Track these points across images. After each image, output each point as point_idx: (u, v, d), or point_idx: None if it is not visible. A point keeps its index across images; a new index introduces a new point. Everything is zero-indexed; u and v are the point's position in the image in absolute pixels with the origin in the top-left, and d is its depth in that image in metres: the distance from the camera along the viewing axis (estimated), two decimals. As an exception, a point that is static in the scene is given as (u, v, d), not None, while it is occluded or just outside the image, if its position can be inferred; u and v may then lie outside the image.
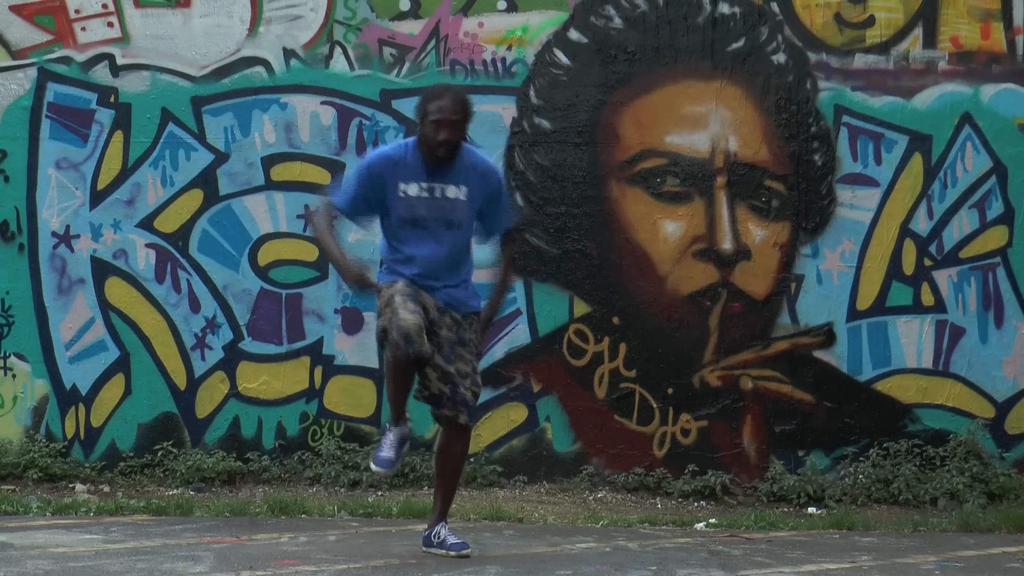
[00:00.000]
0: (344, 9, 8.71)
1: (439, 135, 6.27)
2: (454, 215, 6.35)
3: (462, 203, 6.36)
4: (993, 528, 7.81)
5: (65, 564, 6.20)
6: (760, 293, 8.67)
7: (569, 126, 8.68)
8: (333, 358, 8.69)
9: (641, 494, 8.55)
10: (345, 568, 6.20)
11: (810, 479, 8.50)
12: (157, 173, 8.72)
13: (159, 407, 8.71)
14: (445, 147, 6.29)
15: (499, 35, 8.71)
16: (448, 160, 6.34)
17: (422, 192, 6.35)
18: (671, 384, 8.66)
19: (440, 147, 6.29)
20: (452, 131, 6.29)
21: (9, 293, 8.71)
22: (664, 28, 8.67)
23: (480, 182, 6.40)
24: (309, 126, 8.72)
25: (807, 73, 8.67)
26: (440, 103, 6.30)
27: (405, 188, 6.35)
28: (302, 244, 8.70)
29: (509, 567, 6.28)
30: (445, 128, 6.27)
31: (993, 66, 8.67)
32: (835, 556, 6.81)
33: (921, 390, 8.66)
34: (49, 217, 8.70)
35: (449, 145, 6.30)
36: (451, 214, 6.35)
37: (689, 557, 6.69)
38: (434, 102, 6.32)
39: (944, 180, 8.69)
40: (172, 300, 8.72)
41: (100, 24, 8.72)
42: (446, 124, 6.27)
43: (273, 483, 8.57)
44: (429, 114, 6.30)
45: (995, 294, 8.68)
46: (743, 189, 8.66)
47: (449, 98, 6.33)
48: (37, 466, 8.52)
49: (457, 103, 6.33)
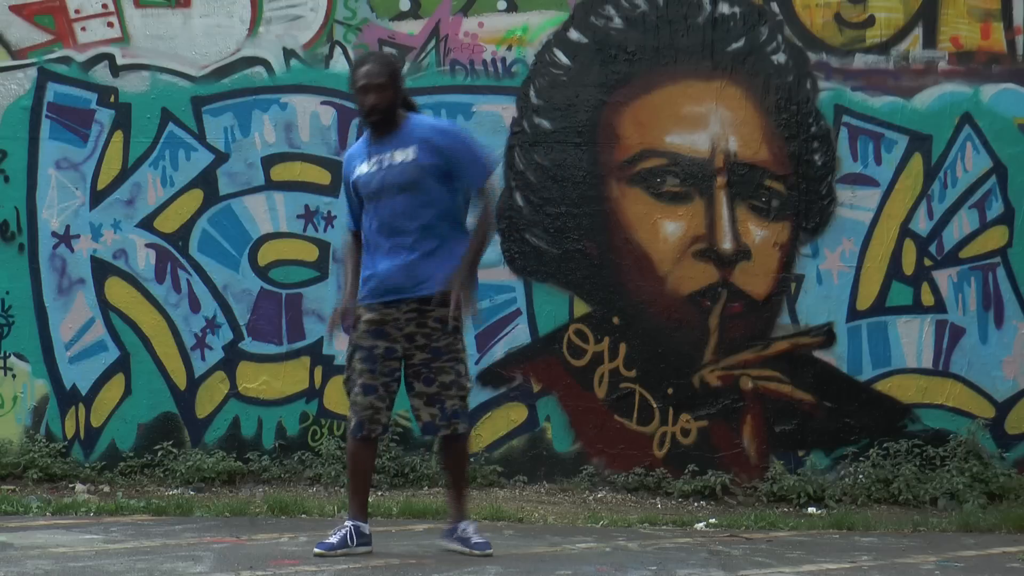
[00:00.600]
0: (344, 9, 8.72)
1: (367, 100, 6.25)
2: (403, 177, 6.26)
3: (411, 164, 6.26)
4: (993, 528, 7.80)
5: (65, 564, 6.20)
6: (760, 293, 8.67)
7: (569, 126, 8.68)
8: (333, 358, 8.69)
9: (641, 494, 8.55)
10: (345, 568, 6.19)
11: (810, 479, 8.50)
12: (157, 173, 8.72)
13: (159, 407, 8.71)
14: (375, 112, 6.26)
15: (499, 35, 8.71)
16: (387, 125, 6.30)
17: (371, 167, 6.32)
18: (671, 384, 8.66)
19: (371, 113, 6.27)
20: (379, 94, 6.24)
21: (9, 293, 8.71)
22: (664, 28, 8.68)
23: (430, 142, 6.28)
24: (309, 126, 8.72)
25: (807, 73, 8.67)
26: (364, 68, 6.29)
27: (359, 169, 6.36)
28: (302, 244, 8.70)
29: (509, 567, 6.27)
30: (372, 92, 6.24)
31: (993, 66, 8.67)
32: (835, 556, 6.81)
33: (921, 390, 8.66)
34: (49, 217, 8.71)
35: (378, 110, 6.25)
36: (401, 177, 6.27)
37: (689, 557, 6.69)
38: (359, 69, 6.31)
39: (944, 180, 8.69)
40: (172, 300, 8.73)
41: (100, 24, 8.72)
42: (372, 88, 6.24)
43: (273, 483, 8.57)
44: (356, 82, 6.29)
45: (995, 294, 8.69)
46: (743, 189, 8.66)
47: (372, 62, 6.32)
48: (37, 466, 8.52)
49: (380, 66, 6.30)
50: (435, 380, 6.36)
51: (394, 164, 6.30)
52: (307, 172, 8.72)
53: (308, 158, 8.72)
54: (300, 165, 8.73)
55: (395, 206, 6.29)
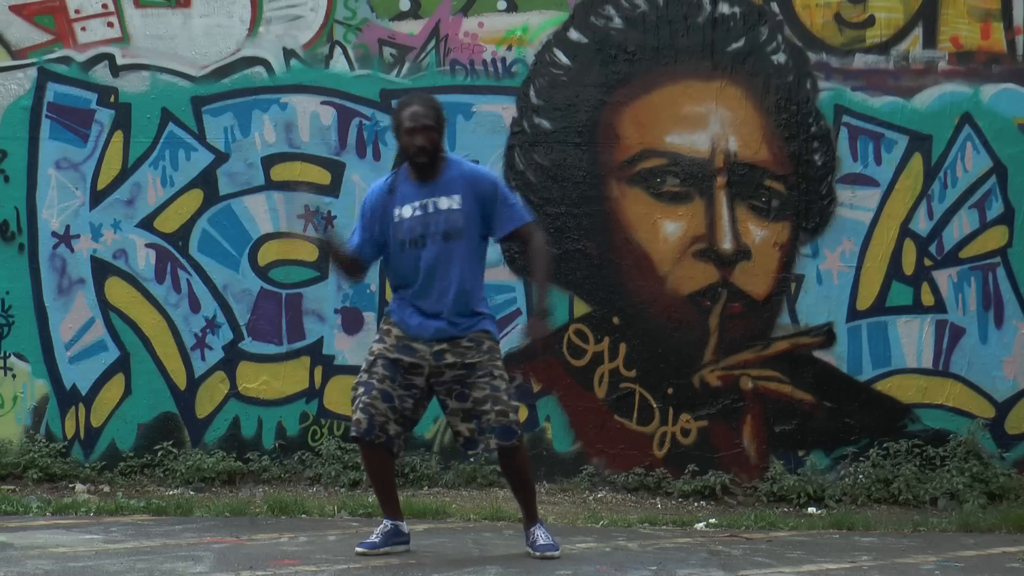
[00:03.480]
0: (344, 9, 8.72)
1: (415, 142, 6.27)
2: (450, 225, 6.31)
3: (457, 212, 6.31)
4: (993, 528, 7.80)
5: (65, 564, 6.20)
6: (760, 293, 8.67)
7: (569, 126, 8.68)
8: (333, 358, 8.69)
9: (641, 494, 8.55)
10: (345, 568, 6.20)
11: (810, 479, 8.50)
12: (157, 173, 8.72)
13: (159, 407, 8.71)
14: (423, 153, 6.28)
15: (499, 35, 8.71)
16: (432, 169, 6.32)
17: (415, 211, 6.32)
18: (671, 384, 8.66)
19: (418, 154, 6.28)
20: (426, 136, 6.27)
21: (9, 293, 8.71)
22: (664, 28, 8.68)
23: (472, 188, 6.34)
24: (309, 126, 8.72)
25: (807, 73, 8.67)
26: (411, 110, 6.30)
27: (400, 212, 6.33)
28: (302, 244, 8.69)
29: (509, 567, 6.28)
30: (419, 134, 6.26)
31: (993, 66, 8.67)
32: (835, 556, 6.81)
33: (921, 390, 8.66)
34: (49, 217, 8.71)
35: (426, 151, 6.28)
36: (447, 224, 6.31)
37: (689, 557, 6.69)
38: (405, 111, 6.32)
39: (944, 180, 8.69)
40: (172, 300, 8.73)
41: (100, 24, 8.72)
42: (419, 130, 6.26)
43: (273, 483, 8.57)
44: (402, 124, 6.30)
45: (995, 294, 8.68)
46: (743, 189, 8.66)
47: (418, 104, 6.33)
48: (37, 466, 8.51)
49: (427, 108, 6.32)
50: (469, 396, 6.34)
51: (440, 211, 6.32)
52: (307, 172, 8.72)
53: (308, 158, 8.72)
54: (300, 165, 8.73)
55: (438, 253, 6.31)
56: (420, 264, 6.32)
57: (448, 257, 6.31)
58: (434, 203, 6.33)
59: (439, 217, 6.31)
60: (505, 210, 6.42)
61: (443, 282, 6.31)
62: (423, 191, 6.34)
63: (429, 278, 6.32)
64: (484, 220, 6.38)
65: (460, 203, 6.32)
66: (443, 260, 6.31)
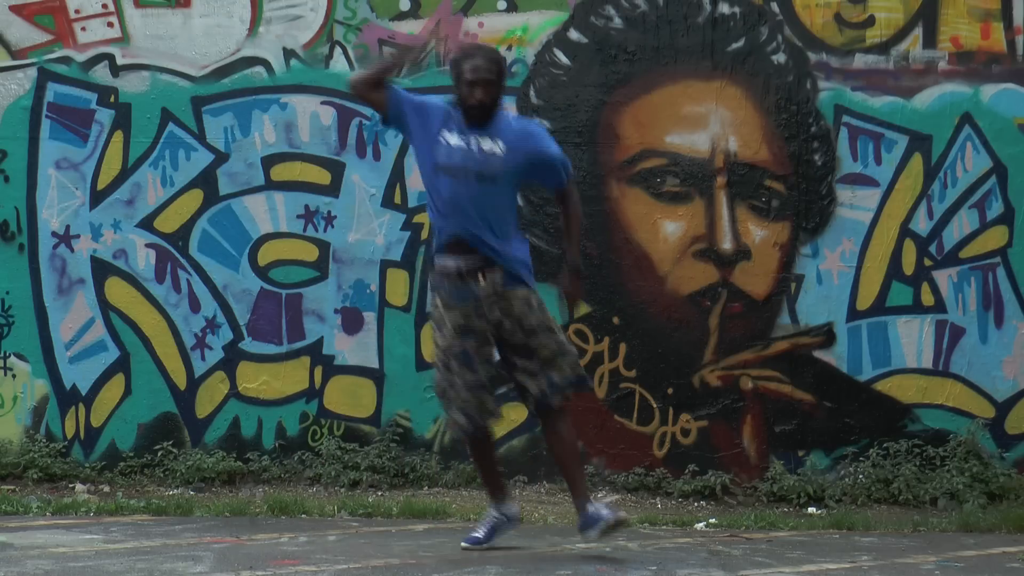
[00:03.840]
0: (344, 9, 8.71)
1: (474, 95, 6.35)
2: (486, 167, 6.38)
3: (497, 158, 6.39)
4: (993, 528, 7.80)
5: (65, 564, 6.20)
6: (760, 293, 8.67)
7: (569, 126, 8.68)
8: (333, 358, 8.69)
9: (641, 494, 8.55)
10: (345, 568, 6.20)
11: (810, 479, 8.50)
12: (157, 173, 8.72)
13: (159, 407, 8.71)
14: (479, 108, 6.36)
15: (499, 35, 8.71)
16: (485, 119, 6.40)
17: (460, 142, 6.40)
18: (671, 384, 8.66)
19: (475, 108, 6.36)
20: (486, 91, 6.35)
21: (9, 293, 8.71)
22: (664, 28, 8.68)
23: (519, 142, 6.43)
24: (309, 126, 8.72)
25: (807, 73, 8.67)
26: (474, 63, 6.37)
27: (448, 136, 6.41)
28: (302, 244, 8.70)
29: (509, 567, 6.28)
30: (479, 87, 6.35)
31: (993, 66, 8.67)
32: (835, 556, 6.81)
33: (921, 390, 8.66)
34: (49, 217, 8.70)
35: (483, 107, 6.36)
36: (483, 166, 6.38)
37: (689, 557, 6.69)
38: (467, 62, 6.39)
39: (944, 180, 8.69)
40: (172, 300, 8.73)
41: (100, 24, 8.72)
42: (480, 83, 6.35)
43: (273, 483, 8.57)
44: (463, 74, 6.37)
45: (995, 294, 8.68)
46: (743, 189, 8.66)
47: (482, 57, 6.40)
48: (37, 466, 8.51)
49: (491, 62, 6.40)
50: (536, 355, 6.47)
51: (482, 151, 6.39)
52: (307, 172, 8.72)
53: (308, 158, 8.72)
54: (300, 165, 8.73)
55: (469, 191, 6.39)
56: (447, 193, 6.40)
57: (476, 199, 6.39)
58: (477, 141, 6.40)
59: (478, 157, 6.39)
60: (548, 171, 6.55)
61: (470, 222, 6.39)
62: (471, 128, 6.43)
63: (457, 211, 6.40)
64: (525, 173, 6.51)
65: (503, 150, 6.40)
66: (471, 199, 6.39)
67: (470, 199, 6.38)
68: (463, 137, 6.42)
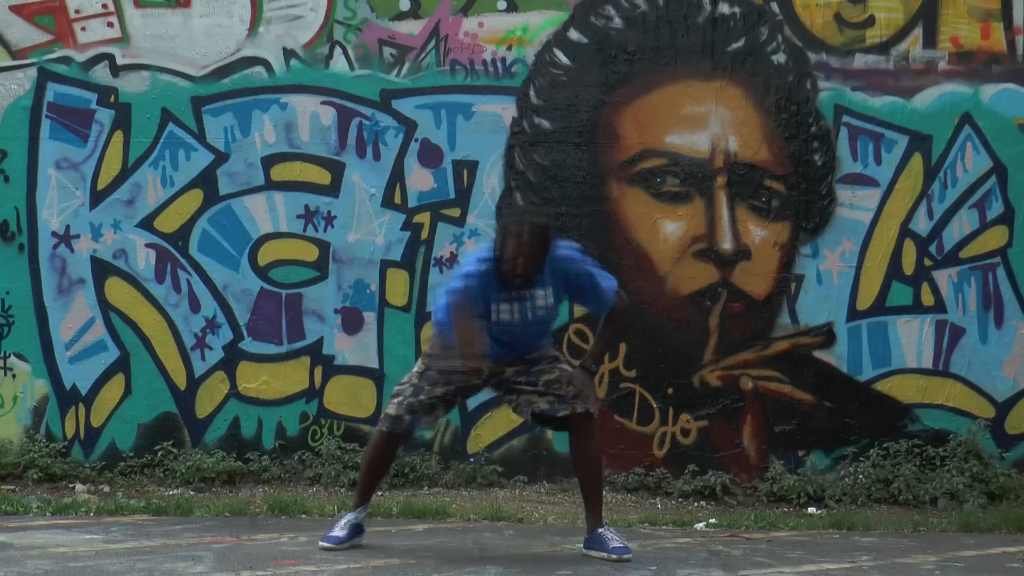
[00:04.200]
0: (344, 9, 8.71)
1: (517, 267, 6.38)
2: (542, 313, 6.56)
3: (550, 302, 6.56)
4: (993, 528, 7.80)
5: (65, 564, 6.20)
6: (760, 293, 8.67)
7: (569, 126, 8.68)
8: (333, 358, 8.69)
9: (641, 494, 8.55)
10: (345, 568, 6.20)
11: (810, 479, 8.50)
12: (157, 173, 8.72)
13: (159, 407, 8.71)
14: (523, 278, 6.42)
15: (499, 35, 8.71)
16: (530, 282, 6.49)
17: (513, 305, 6.48)
18: (671, 384, 8.66)
19: (518, 279, 6.42)
20: (528, 262, 6.37)
21: (9, 293, 8.71)
22: (664, 28, 8.68)
23: (560, 277, 6.53)
24: (309, 126, 8.72)
25: (807, 73, 8.67)
26: (520, 242, 6.33)
27: (498, 302, 6.48)
28: (302, 244, 8.70)
29: (509, 567, 6.28)
30: (522, 258, 6.36)
31: (993, 66, 8.67)
32: (835, 556, 6.81)
33: (921, 390, 8.66)
34: (49, 217, 8.70)
35: (526, 276, 6.42)
36: (538, 313, 6.54)
37: (689, 557, 6.69)
38: (513, 239, 6.34)
39: (944, 180, 8.69)
40: (172, 300, 8.73)
41: (100, 24, 8.72)
42: (523, 255, 6.36)
43: (273, 483, 8.57)
44: (507, 245, 6.36)
45: (995, 294, 8.68)
46: (743, 189, 8.66)
47: (528, 234, 6.33)
48: (37, 466, 8.51)
49: (536, 236, 6.34)
50: (539, 381, 6.61)
51: (535, 304, 6.51)
52: (307, 172, 8.71)
53: (308, 158, 8.72)
54: (300, 165, 8.73)
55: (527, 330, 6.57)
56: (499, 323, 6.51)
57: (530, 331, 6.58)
58: (531, 297, 6.50)
59: (533, 309, 6.52)
60: (595, 293, 6.61)
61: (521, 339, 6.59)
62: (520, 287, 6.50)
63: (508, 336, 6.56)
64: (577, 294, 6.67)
65: (552, 292, 6.53)
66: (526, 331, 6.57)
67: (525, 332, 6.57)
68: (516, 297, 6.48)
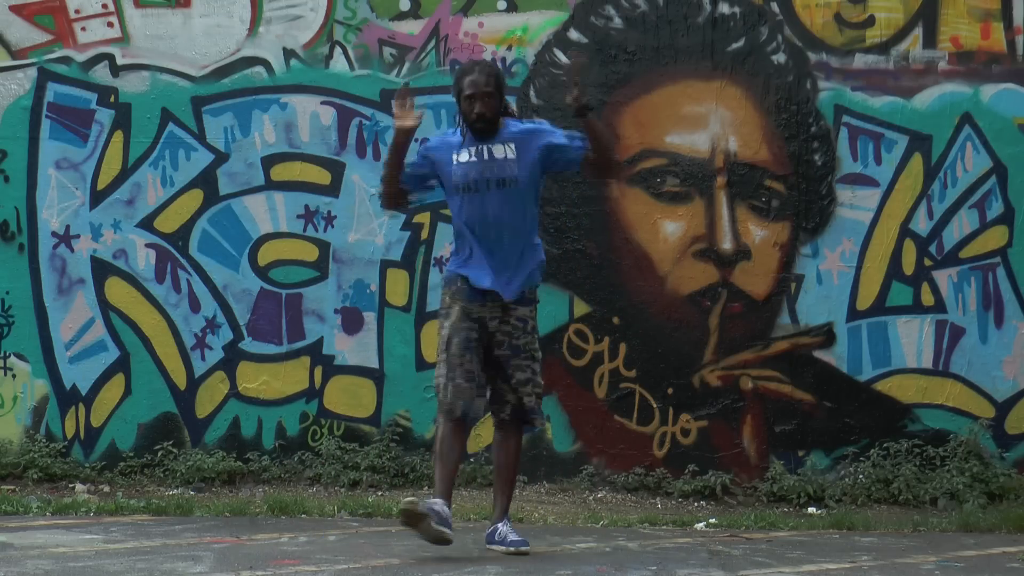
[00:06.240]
0: (344, 9, 8.72)
1: (474, 109, 6.52)
2: (504, 172, 6.53)
3: (511, 161, 6.54)
4: (993, 528, 7.80)
5: (65, 564, 6.20)
6: (760, 293, 8.67)
7: (569, 126, 8.62)
8: (333, 358, 8.70)
9: (641, 494, 8.55)
10: (345, 568, 6.20)
11: (810, 479, 8.50)
12: (157, 173, 8.73)
13: (159, 407, 8.71)
14: (482, 120, 6.51)
15: (499, 35, 8.71)
16: (491, 132, 6.54)
17: (471, 156, 6.54)
18: (671, 384, 8.66)
19: (477, 121, 6.52)
20: (485, 103, 6.51)
21: (9, 293, 8.71)
22: (664, 28, 8.68)
23: (527, 142, 6.56)
24: (309, 126, 8.72)
25: (807, 73, 8.67)
26: (471, 78, 6.55)
27: (457, 156, 6.56)
28: (302, 244, 8.70)
29: (509, 567, 6.28)
30: (478, 101, 6.51)
31: (993, 66, 8.67)
32: (835, 556, 6.81)
33: (921, 390, 8.66)
34: (49, 217, 8.71)
35: (485, 119, 6.51)
36: (500, 172, 6.53)
37: (689, 557, 6.69)
38: (466, 78, 6.57)
39: (944, 180, 8.69)
40: (172, 300, 8.73)
41: (100, 24, 8.72)
42: (479, 97, 6.51)
43: (273, 483, 8.57)
44: (463, 90, 6.55)
45: (995, 294, 8.68)
46: (743, 189, 8.66)
47: (479, 72, 6.56)
48: (37, 466, 8.52)
49: (488, 76, 6.56)
50: (512, 377, 6.60)
51: (495, 158, 6.55)
52: (307, 172, 8.72)
53: (308, 158, 8.72)
54: (300, 165, 8.73)
55: (491, 201, 6.54)
56: (468, 211, 6.55)
57: (499, 207, 6.53)
58: (488, 150, 6.55)
59: (493, 164, 6.54)
60: (563, 152, 6.63)
61: (495, 233, 6.54)
62: (481, 141, 6.57)
63: (481, 226, 6.54)
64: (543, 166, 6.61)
65: (515, 152, 6.54)
66: (495, 208, 6.53)
67: (493, 212, 6.52)
68: (474, 151, 6.56)
